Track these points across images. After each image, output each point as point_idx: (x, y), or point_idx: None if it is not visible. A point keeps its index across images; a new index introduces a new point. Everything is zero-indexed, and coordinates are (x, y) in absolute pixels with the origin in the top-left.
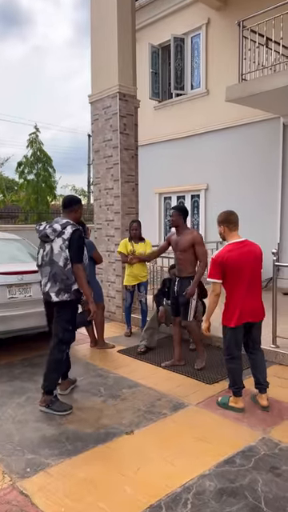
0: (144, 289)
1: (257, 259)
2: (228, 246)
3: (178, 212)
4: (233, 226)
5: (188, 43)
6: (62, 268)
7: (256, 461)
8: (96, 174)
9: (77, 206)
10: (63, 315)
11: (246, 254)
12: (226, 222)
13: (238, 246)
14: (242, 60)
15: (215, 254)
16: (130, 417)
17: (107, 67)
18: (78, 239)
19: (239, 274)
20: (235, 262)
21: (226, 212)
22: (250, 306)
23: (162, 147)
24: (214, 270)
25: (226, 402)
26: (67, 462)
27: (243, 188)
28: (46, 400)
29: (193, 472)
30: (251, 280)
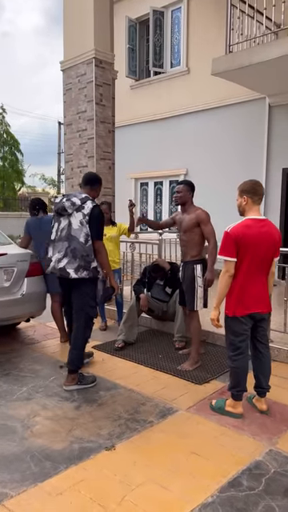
0: (118, 277)
1: (274, 244)
2: (246, 220)
3: (186, 186)
4: (257, 198)
5: (168, 17)
6: (84, 244)
7: (267, 482)
8: (68, 149)
9: (97, 184)
10: (87, 292)
11: (264, 235)
12: (252, 192)
13: (257, 223)
14: (229, 30)
15: (230, 227)
16: (109, 426)
17: (82, 30)
18: (98, 215)
19: (252, 256)
20: (251, 241)
21: (252, 181)
22: (258, 294)
23: (139, 129)
24: (228, 246)
25: (221, 406)
26: (31, 492)
27: (226, 172)
28: (74, 378)
29: (192, 499)
30: (263, 266)
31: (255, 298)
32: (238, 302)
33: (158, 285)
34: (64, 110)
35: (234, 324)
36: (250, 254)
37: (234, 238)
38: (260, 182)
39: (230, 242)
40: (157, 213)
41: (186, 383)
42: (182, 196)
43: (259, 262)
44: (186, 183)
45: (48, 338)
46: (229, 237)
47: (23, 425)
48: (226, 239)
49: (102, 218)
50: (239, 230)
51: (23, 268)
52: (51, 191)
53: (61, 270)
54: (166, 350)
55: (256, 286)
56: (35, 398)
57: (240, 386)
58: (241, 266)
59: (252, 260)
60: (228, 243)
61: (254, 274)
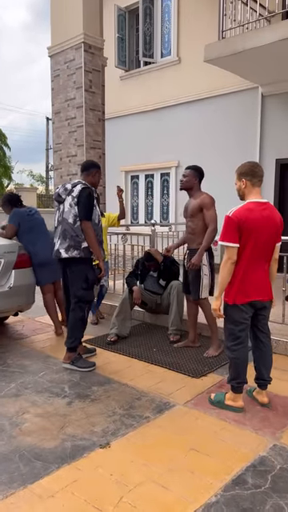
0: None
1: (276, 227)
2: (248, 204)
3: (193, 171)
4: (257, 180)
5: (158, 6)
6: (72, 225)
7: (273, 479)
8: (56, 138)
9: (94, 169)
10: (76, 273)
11: (266, 219)
12: (250, 174)
13: (259, 206)
14: (222, 15)
15: (231, 211)
16: (103, 423)
17: (70, 14)
18: (86, 196)
19: (255, 241)
20: (254, 225)
21: (250, 163)
22: (260, 281)
23: (129, 121)
24: (230, 231)
25: (221, 399)
26: (20, 495)
27: (218, 164)
28: (70, 356)
29: (194, 499)
30: (265, 252)
31: (256, 286)
32: (238, 289)
33: (151, 277)
34: (52, 98)
35: (234, 312)
36: (253, 239)
37: (236, 222)
38: (258, 163)
39: (233, 226)
40: (148, 206)
41: (182, 377)
42: (187, 181)
43: (262, 247)
44: (194, 168)
45: (37, 332)
46: (231, 221)
47: (11, 422)
48: (228, 224)
49: (88, 199)
50: (242, 214)
51: (11, 259)
52: (40, 187)
53: (56, 251)
54: (161, 343)
55: (257, 273)
56: (24, 394)
57: (240, 378)
58: (243, 252)
59: (255, 245)
60: (230, 228)
61: (256, 260)
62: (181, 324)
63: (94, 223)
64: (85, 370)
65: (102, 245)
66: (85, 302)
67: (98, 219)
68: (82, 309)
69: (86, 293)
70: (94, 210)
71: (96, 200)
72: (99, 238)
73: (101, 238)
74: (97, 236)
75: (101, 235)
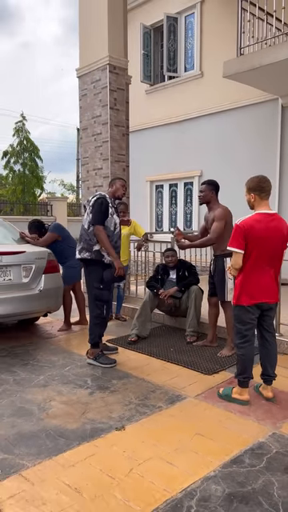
0: None
1: (282, 237)
2: (256, 215)
3: (208, 186)
4: (265, 194)
5: (181, 23)
6: (86, 230)
7: (268, 460)
8: (84, 153)
9: (114, 181)
10: (90, 273)
11: (273, 229)
12: (258, 189)
13: (267, 217)
14: (240, 33)
15: (240, 220)
16: (120, 410)
17: (96, 38)
18: (98, 204)
19: (261, 249)
20: (260, 234)
21: (259, 177)
22: (265, 285)
23: (154, 133)
24: (237, 238)
25: (228, 393)
26: (47, 464)
27: (239, 174)
28: (93, 352)
29: (195, 474)
30: (271, 258)
31: (262, 289)
32: (243, 291)
33: (170, 281)
34: (80, 115)
35: (241, 313)
36: (258, 248)
37: (243, 230)
38: (266, 178)
39: (240, 234)
40: (172, 214)
41: (195, 373)
42: (204, 196)
43: (268, 255)
44: (209, 183)
45: (63, 333)
46: (238, 229)
47: (40, 408)
48: (236, 231)
49: (100, 206)
50: (249, 223)
51: (41, 265)
52: (70, 196)
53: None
54: (178, 343)
55: (263, 278)
56: (51, 385)
57: (246, 373)
58: (249, 259)
59: (260, 254)
60: (237, 235)
61: (262, 266)
62: (198, 326)
63: (109, 230)
64: (106, 366)
65: (117, 250)
66: (100, 301)
67: (114, 227)
68: (98, 307)
69: (101, 292)
70: (109, 217)
71: (115, 209)
72: (114, 243)
73: (117, 245)
74: (111, 242)
75: (118, 242)
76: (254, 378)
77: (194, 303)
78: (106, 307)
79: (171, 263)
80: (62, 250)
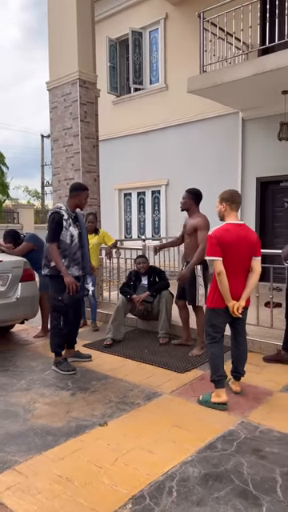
0: (91, 280)
1: (251, 245)
2: (226, 225)
3: (189, 194)
4: (235, 205)
5: (146, 37)
6: (47, 247)
7: (238, 444)
8: (55, 163)
9: (75, 191)
10: (51, 287)
11: (242, 238)
12: (230, 200)
13: (236, 227)
14: (202, 51)
15: (212, 230)
16: (101, 408)
17: (66, 53)
18: (50, 221)
19: (230, 256)
20: (230, 242)
21: (231, 191)
22: (238, 289)
23: (122, 142)
24: (212, 247)
25: (207, 399)
26: (37, 458)
27: (204, 183)
28: (55, 360)
29: (174, 459)
30: (239, 265)
31: (233, 293)
32: (217, 295)
33: (142, 287)
34: (51, 127)
35: (214, 316)
36: (229, 255)
37: (216, 239)
38: (238, 192)
39: (214, 242)
40: (140, 221)
41: (169, 372)
42: (184, 203)
43: (238, 261)
44: (190, 191)
45: (40, 339)
46: (211, 239)
47: (25, 409)
48: (210, 241)
49: (51, 223)
50: (220, 233)
51: (18, 274)
52: (36, 203)
53: None
54: (151, 345)
55: (234, 283)
56: (33, 388)
57: (219, 372)
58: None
59: (231, 260)
60: (212, 244)
61: (233, 272)
62: (169, 328)
63: (66, 243)
64: (65, 374)
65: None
66: (58, 312)
67: (71, 239)
68: (55, 318)
69: (57, 304)
70: (63, 230)
71: (73, 220)
72: (73, 255)
73: (76, 256)
74: (69, 254)
75: (77, 253)
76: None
77: (165, 307)
78: (64, 316)
79: (143, 269)
80: (38, 259)
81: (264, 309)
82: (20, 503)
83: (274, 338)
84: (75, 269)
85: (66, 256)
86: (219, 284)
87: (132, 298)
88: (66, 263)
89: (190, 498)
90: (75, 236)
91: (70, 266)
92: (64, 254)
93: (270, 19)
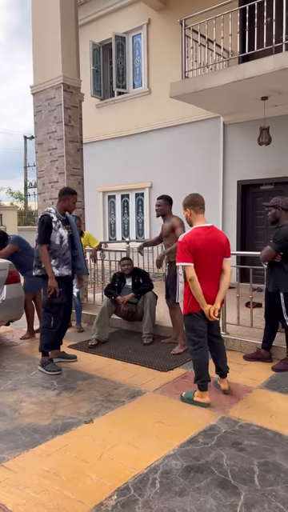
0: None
1: (222, 247)
2: (195, 229)
3: (165, 200)
4: (199, 208)
5: (129, 42)
6: (36, 249)
7: (218, 438)
8: (39, 166)
9: (64, 196)
10: (43, 287)
11: (212, 240)
12: (192, 204)
13: (204, 230)
14: (184, 58)
15: (182, 236)
16: (87, 407)
17: (50, 57)
18: (40, 223)
19: (202, 259)
20: (201, 246)
21: (192, 194)
22: (209, 293)
23: (105, 145)
24: (183, 253)
25: (190, 396)
26: (25, 455)
27: (187, 185)
28: (41, 360)
29: (157, 453)
30: (212, 267)
31: (207, 296)
32: (191, 300)
33: (126, 288)
34: (35, 130)
35: (192, 321)
36: (200, 258)
37: (187, 244)
38: (198, 194)
39: (184, 248)
40: (124, 223)
41: (152, 371)
42: (161, 209)
43: (209, 264)
44: (164, 197)
45: (26, 341)
46: (182, 245)
47: (12, 409)
48: (181, 247)
49: (41, 225)
50: (190, 238)
51: (3, 276)
52: (19, 205)
53: None
54: (135, 345)
55: (207, 285)
56: (20, 388)
57: (203, 377)
58: (194, 269)
59: (202, 263)
60: (183, 250)
61: (206, 274)
62: (153, 329)
63: (55, 244)
64: (51, 374)
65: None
66: (49, 312)
67: (60, 240)
68: (46, 318)
69: (49, 304)
70: (53, 232)
71: (63, 222)
72: (62, 256)
73: (65, 257)
74: (59, 255)
75: (66, 253)
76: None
77: (148, 307)
78: (55, 316)
79: (127, 271)
80: (23, 261)
81: (245, 309)
82: (9, 497)
83: (253, 336)
84: (65, 268)
85: (56, 256)
86: (192, 290)
87: (116, 299)
88: (55, 263)
89: (172, 488)
90: (65, 237)
91: (60, 265)
92: (54, 255)
93: (250, 28)
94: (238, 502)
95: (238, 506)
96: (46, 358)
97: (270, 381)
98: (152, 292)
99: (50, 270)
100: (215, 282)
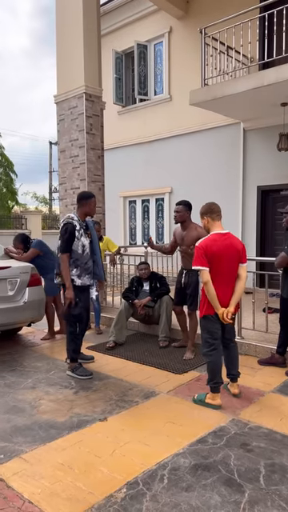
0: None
1: (238, 253)
2: (212, 235)
3: (184, 207)
4: (216, 215)
5: (151, 50)
6: (58, 257)
7: (227, 439)
8: (62, 173)
9: (84, 200)
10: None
11: (228, 246)
12: (209, 212)
13: (221, 237)
14: (204, 66)
15: (199, 242)
16: (102, 405)
17: (73, 68)
18: (63, 232)
19: (218, 265)
20: (217, 252)
21: (208, 203)
22: (224, 297)
23: (127, 151)
24: (199, 257)
25: (202, 398)
26: (42, 448)
27: (207, 191)
28: (71, 366)
29: (167, 451)
30: (228, 273)
31: (222, 300)
32: (206, 303)
33: (144, 292)
34: (58, 138)
35: (208, 323)
36: (216, 263)
37: (203, 250)
38: (214, 202)
39: (201, 253)
40: (144, 228)
41: (167, 373)
42: (180, 215)
43: (224, 269)
44: (183, 203)
45: (46, 342)
46: (198, 250)
47: (31, 406)
48: (197, 252)
49: (64, 234)
50: (207, 243)
51: (25, 279)
52: (43, 209)
53: None
54: (151, 348)
55: (222, 289)
56: (39, 387)
57: (216, 379)
58: (210, 273)
59: (218, 268)
60: (199, 255)
61: (222, 279)
62: (169, 332)
63: (77, 253)
64: (83, 378)
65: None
66: (73, 319)
67: (82, 249)
68: (71, 324)
69: (72, 311)
70: (75, 241)
71: (84, 229)
72: (84, 265)
73: (87, 266)
74: (81, 264)
75: (88, 263)
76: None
77: (165, 311)
78: (80, 323)
79: (145, 275)
80: (44, 265)
81: (261, 314)
82: (25, 486)
83: (269, 342)
84: (87, 278)
85: (78, 265)
86: (207, 293)
87: (134, 302)
88: (77, 272)
89: (179, 484)
90: (86, 246)
91: (82, 275)
92: (76, 264)
93: (269, 35)
94: (242, 499)
95: (241, 502)
96: (76, 363)
97: (283, 385)
98: (169, 296)
99: (68, 280)
100: (230, 286)
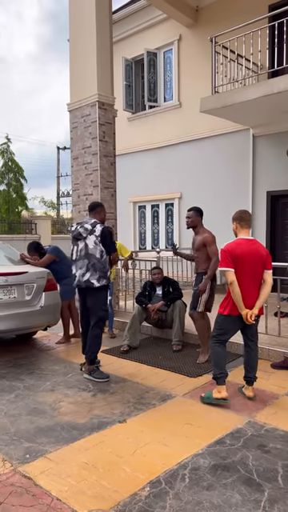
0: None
1: (261, 258)
2: (238, 239)
3: (195, 212)
4: (244, 223)
5: (161, 58)
6: (100, 259)
7: (245, 440)
8: (75, 180)
9: (99, 208)
10: (101, 297)
11: (253, 251)
12: (239, 219)
13: (246, 242)
14: (214, 73)
15: (225, 245)
16: (120, 408)
17: (86, 77)
18: (109, 234)
19: (242, 267)
20: (241, 255)
21: (241, 211)
22: (248, 299)
23: (137, 157)
24: (225, 259)
25: (210, 395)
26: (65, 448)
27: (216, 196)
28: (89, 369)
29: (187, 452)
30: (252, 276)
31: (246, 302)
32: (230, 303)
33: (157, 296)
34: (71, 146)
35: (225, 321)
36: (240, 266)
37: (228, 252)
38: (247, 211)
39: (226, 255)
40: (154, 233)
41: (182, 377)
42: (192, 221)
43: (249, 273)
44: (195, 209)
45: (61, 345)
46: (224, 252)
47: (51, 408)
48: (223, 254)
49: (111, 235)
50: (232, 246)
51: (41, 284)
52: (52, 213)
53: (86, 281)
54: (165, 352)
55: (247, 292)
56: (58, 389)
57: (221, 369)
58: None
59: (242, 271)
60: (225, 257)
61: (246, 282)
62: (182, 336)
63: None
64: (100, 381)
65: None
66: (103, 321)
67: (100, 254)
68: (100, 327)
69: (105, 313)
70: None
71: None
72: (104, 269)
73: (107, 269)
74: (104, 268)
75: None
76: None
77: (178, 316)
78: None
79: (157, 280)
80: (59, 270)
81: (273, 318)
82: (53, 484)
83: (281, 346)
84: (105, 281)
85: (98, 269)
86: (232, 293)
87: (147, 307)
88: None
89: (200, 483)
90: (104, 251)
91: (100, 278)
92: (95, 268)
93: (279, 43)
94: (262, 498)
95: (261, 501)
96: (93, 366)
97: None
98: (181, 300)
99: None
100: (253, 289)
